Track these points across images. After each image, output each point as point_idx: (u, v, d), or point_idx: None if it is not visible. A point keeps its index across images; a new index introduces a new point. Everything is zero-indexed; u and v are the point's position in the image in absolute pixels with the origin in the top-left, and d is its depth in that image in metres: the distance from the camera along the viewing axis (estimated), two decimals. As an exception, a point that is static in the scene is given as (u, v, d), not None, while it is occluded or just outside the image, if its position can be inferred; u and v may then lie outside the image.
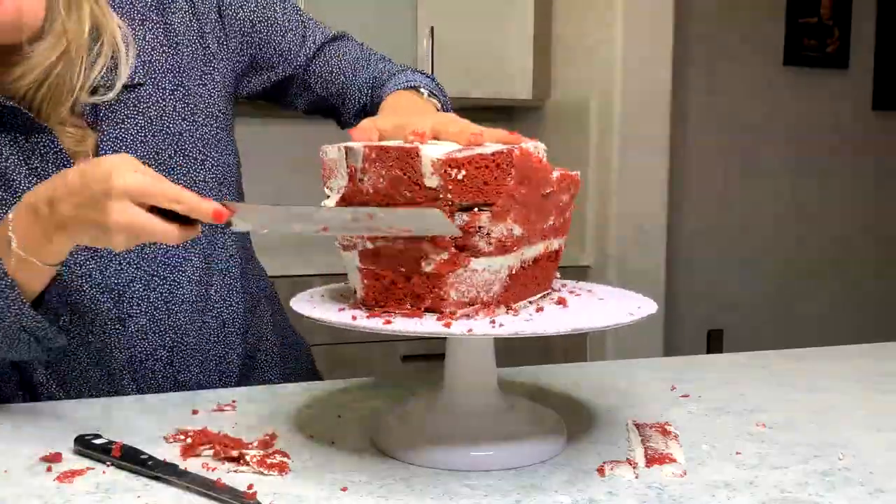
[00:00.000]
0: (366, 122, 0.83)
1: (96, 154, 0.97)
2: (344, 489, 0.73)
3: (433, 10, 2.86)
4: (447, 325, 0.73)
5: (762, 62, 3.49)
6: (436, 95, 1.07)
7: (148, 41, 1.00)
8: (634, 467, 0.78)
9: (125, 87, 0.97)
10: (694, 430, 0.90)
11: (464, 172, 0.72)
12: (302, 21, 1.14)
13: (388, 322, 0.74)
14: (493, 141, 0.78)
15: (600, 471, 0.77)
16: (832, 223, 3.65)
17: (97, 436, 0.82)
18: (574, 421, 0.90)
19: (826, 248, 3.64)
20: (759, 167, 3.52)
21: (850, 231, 3.68)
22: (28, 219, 0.81)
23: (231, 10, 1.07)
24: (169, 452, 0.81)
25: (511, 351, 0.98)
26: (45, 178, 0.85)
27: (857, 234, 3.70)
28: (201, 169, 1.03)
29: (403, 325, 0.74)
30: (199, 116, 1.04)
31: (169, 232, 0.77)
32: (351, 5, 2.79)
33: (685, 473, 0.77)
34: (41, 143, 0.94)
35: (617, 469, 0.78)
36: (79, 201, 0.77)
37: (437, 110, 1.03)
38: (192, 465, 0.78)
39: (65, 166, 0.94)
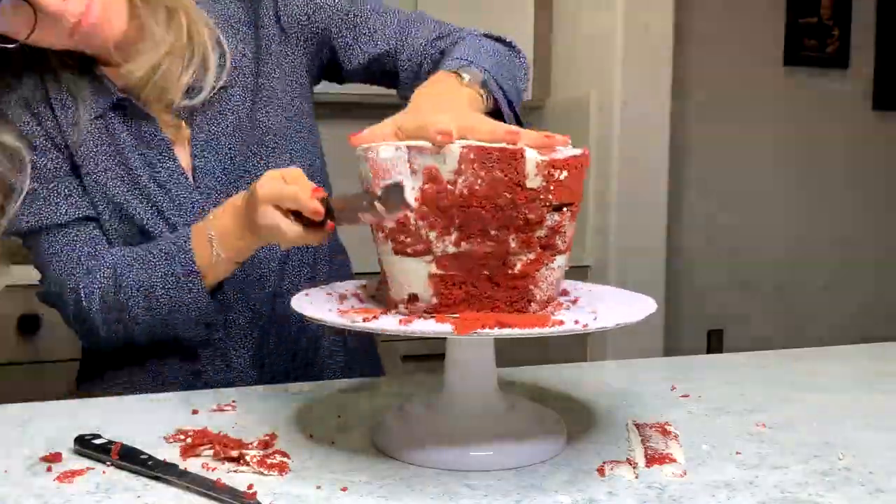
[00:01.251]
0: (367, 132, 0.83)
1: (191, 146, 1.09)
2: (344, 489, 0.73)
3: (433, 9, 2.85)
4: (455, 327, 0.73)
5: (762, 62, 3.49)
6: (486, 84, 1.00)
7: (238, 49, 1.11)
8: (634, 467, 0.78)
9: (215, 88, 1.08)
10: (694, 430, 0.90)
11: (565, 174, 0.75)
12: None
13: (383, 321, 0.75)
14: (528, 141, 0.78)
15: (600, 471, 0.77)
16: (832, 223, 3.65)
17: (97, 436, 0.82)
18: (574, 421, 0.90)
19: (826, 247, 3.64)
20: (759, 167, 3.52)
21: (850, 231, 3.68)
22: (227, 218, 0.97)
23: (285, 10, 1.13)
24: (169, 452, 0.81)
25: (511, 351, 0.98)
26: (152, 162, 1.07)
27: (858, 233, 3.69)
28: (286, 160, 1.11)
29: (403, 325, 0.75)
30: (280, 113, 1.12)
31: (293, 228, 0.87)
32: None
33: (685, 473, 0.77)
34: (148, 132, 1.07)
35: (617, 469, 0.78)
36: (248, 209, 0.92)
37: (480, 100, 0.98)
38: (192, 465, 0.78)
39: (167, 152, 1.08)
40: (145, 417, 0.93)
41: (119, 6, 1.01)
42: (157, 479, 0.75)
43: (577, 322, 0.74)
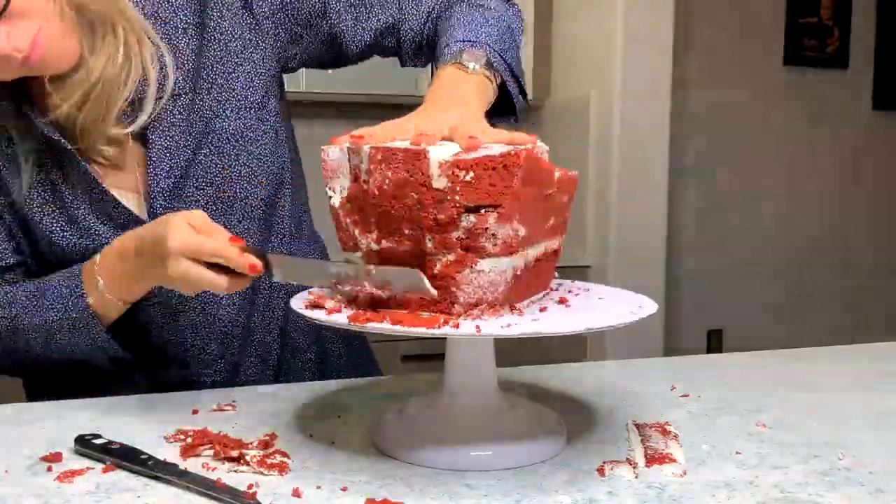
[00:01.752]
0: (379, 128, 0.84)
1: (145, 166, 1.02)
2: (344, 489, 0.73)
3: (433, 10, 2.86)
4: (455, 326, 0.73)
5: (762, 62, 3.49)
6: (492, 64, 0.99)
7: (185, 52, 1.03)
8: (634, 467, 0.78)
9: (156, 110, 1.01)
10: (694, 430, 0.90)
11: (472, 174, 0.72)
12: None
13: (384, 321, 0.75)
14: (491, 140, 0.78)
15: (600, 471, 0.77)
16: (832, 223, 3.65)
17: (97, 436, 0.82)
18: (574, 421, 0.90)
19: (826, 247, 3.64)
20: (759, 167, 3.52)
21: (850, 231, 3.68)
22: (113, 265, 0.94)
23: (259, 3, 1.07)
24: (169, 452, 0.81)
25: (511, 351, 0.98)
26: (82, 198, 1.00)
27: (858, 233, 3.70)
28: (250, 166, 1.06)
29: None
30: (241, 114, 1.06)
31: (217, 281, 0.86)
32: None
33: (685, 473, 0.77)
34: (75, 170, 1.00)
35: (617, 469, 0.78)
36: (147, 259, 0.89)
37: (487, 82, 0.99)
38: (192, 465, 0.78)
39: (97, 190, 1.01)
40: (145, 417, 0.93)
41: (69, 33, 0.95)
42: (156, 478, 0.75)
43: (577, 322, 0.74)
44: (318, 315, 0.78)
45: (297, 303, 0.82)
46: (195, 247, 0.85)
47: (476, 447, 0.79)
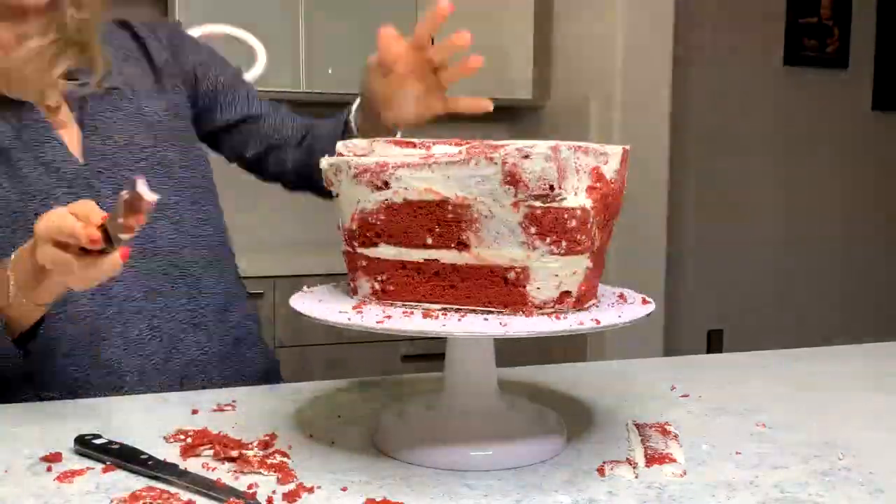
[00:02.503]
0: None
1: (81, 126, 1.09)
2: (344, 489, 0.73)
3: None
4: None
5: (762, 62, 3.49)
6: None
7: (125, 57, 1.16)
8: (634, 467, 0.78)
9: (102, 88, 1.10)
10: (694, 430, 0.90)
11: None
12: (233, 82, 1.28)
13: (385, 321, 0.75)
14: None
15: (600, 471, 0.77)
16: (832, 223, 3.65)
17: (97, 436, 0.82)
18: (574, 421, 0.90)
19: (826, 247, 3.64)
20: (759, 167, 3.52)
21: (850, 231, 3.68)
22: (23, 262, 0.90)
23: (180, 53, 1.23)
24: (169, 452, 0.81)
25: (511, 351, 0.98)
26: (34, 145, 1.05)
27: (858, 233, 3.70)
28: (176, 159, 1.15)
29: (402, 324, 0.75)
30: (170, 114, 1.17)
31: (69, 262, 0.82)
32: (351, 7, 2.79)
33: (685, 473, 0.77)
34: (26, 116, 1.06)
35: (617, 469, 0.78)
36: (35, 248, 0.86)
37: None
38: (193, 465, 0.78)
39: (48, 132, 1.07)
40: (145, 417, 0.93)
41: None
42: (156, 478, 0.75)
43: (577, 322, 0.75)
44: (318, 315, 0.78)
45: (298, 303, 0.82)
46: (55, 230, 0.82)
47: (476, 447, 0.79)
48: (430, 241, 0.78)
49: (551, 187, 0.73)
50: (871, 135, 3.67)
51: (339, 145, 0.84)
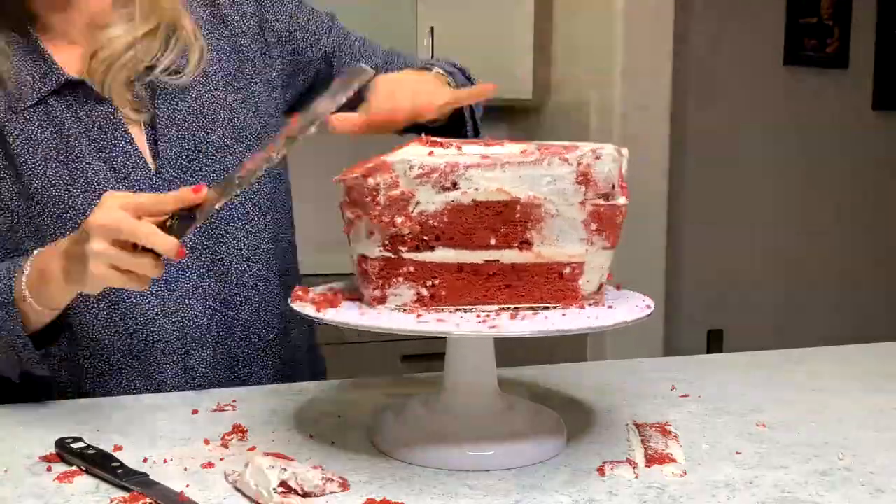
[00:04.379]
0: (338, 121, 0.86)
1: (152, 126, 1.04)
2: (344, 489, 0.73)
3: (433, 10, 2.85)
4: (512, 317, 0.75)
5: (762, 62, 3.49)
6: (452, 75, 1.09)
7: (213, 44, 1.09)
8: (634, 467, 0.78)
9: (193, 73, 1.05)
10: (694, 430, 0.90)
11: None
12: (330, 24, 1.20)
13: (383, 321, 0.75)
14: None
15: (600, 471, 0.77)
16: (832, 223, 3.65)
17: (77, 439, 0.81)
18: (574, 421, 0.90)
19: (826, 247, 3.64)
20: (758, 167, 3.52)
21: (850, 231, 3.68)
22: (44, 262, 0.89)
23: (268, 24, 1.14)
24: (169, 452, 0.81)
25: (511, 351, 0.98)
26: (105, 147, 1.01)
27: (858, 233, 3.69)
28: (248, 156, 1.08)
29: (402, 323, 0.75)
30: (262, 116, 1.10)
31: (123, 260, 0.80)
32: (351, 5, 2.79)
33: (685, 473, 0.77)
34: (101, 115, 1.01)
35: (617, 469, 0.78)
36: (78, 247, 0.83)
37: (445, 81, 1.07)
38: (193, 466, 0.78)
39: (123, 136, 1.02)
40: (145, 417, 0.93)
41: None
42: (124, 488, 0.73)
43: (577, 322, 0.75)
44: (314, 313, 0.78)
45: (298, 303, 0.82)
46: (115, 224, 0.80)
47: (476, 447, 0.79)
48: (493, 241, 0.78)
49: (612, 186, 0.79)
50: (871, 135, 3.67)
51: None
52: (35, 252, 0.91)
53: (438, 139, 0.80)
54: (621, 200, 0.81)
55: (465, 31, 2.88)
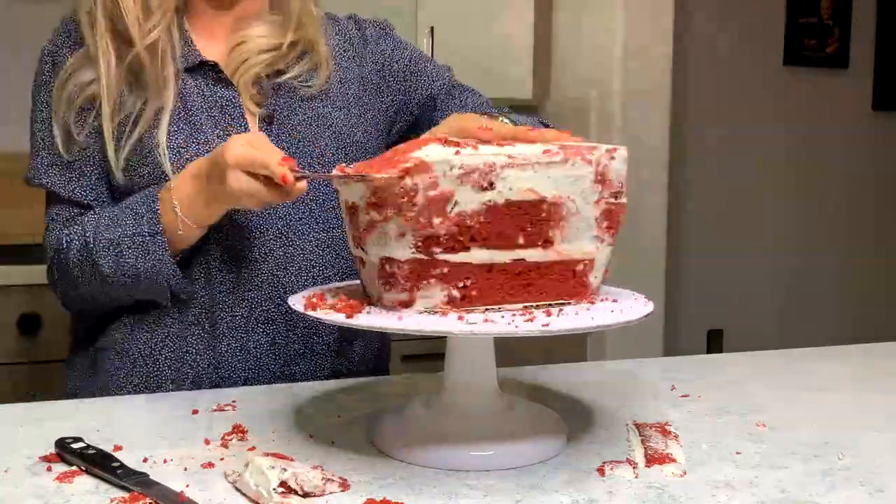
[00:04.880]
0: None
1: (268, 122, 1.12)
2: (344, 489, 0.73)
3: (433, 10, 2.85)
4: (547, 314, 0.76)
5: (762, 62, 3.49)
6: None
7: (343, 65, 1.18)
8: (634, 467, 0.78)
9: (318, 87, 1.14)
10: (694, 430, 0.90)
11: None
12: (447, 74, 1.27)
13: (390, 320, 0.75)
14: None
15: (600, 471, 0.77)
16: (832, 223, 3.65)
17: (77, 439, 0.81)
18: (574, 421, 0.90)
19: (826, 248, 3.64)
20: (758, 167, 3.51)
21: (850, 230, 3.68)
22: (189, 187, 0.99)
23: (389, 63, 1.23)
24: (169, 452, 0.81)
25: (511, 351, 0.98)
26: (224, 126, 1.09)
27: (857, 233, 3.69)
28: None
29: (402, 323, 0.75)
30: (359, 129, 1.17)
31: (261, 192, 0.91)
32: (351, 4, 2.79)
33: (685, 473, 0.77)
34: (225, 97, 1.11)
35: (617, 469, 0.78)
36: (214, 177, 0.94)
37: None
38: (192, 466, 0.78)
39: (240, 120, 1.10)
40: (145, 417, 0.93)
41: None
42: (124, 488, 0.73)
43: (577, 322, 0.75)
44: (317, 314, 0.78)
45: (297, 302, 0.82)
46: (248, 159, 0.90)
47: (476, 447, 0.79)
48: (521, 240, 0.79)
49: (621, 185, 0.82)
50: (871, 135, 3.67)
51: None
52: (172, 180, 1.01)
53: (454, 138, 0.82)
54: (625, 199, 0.83)
55: (465, 31, 2.88)
